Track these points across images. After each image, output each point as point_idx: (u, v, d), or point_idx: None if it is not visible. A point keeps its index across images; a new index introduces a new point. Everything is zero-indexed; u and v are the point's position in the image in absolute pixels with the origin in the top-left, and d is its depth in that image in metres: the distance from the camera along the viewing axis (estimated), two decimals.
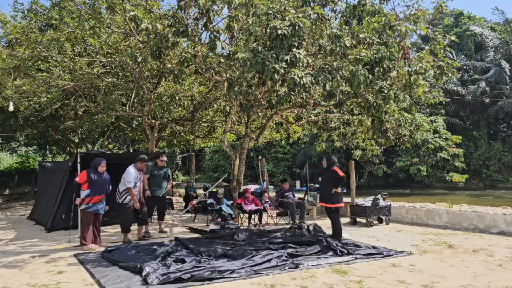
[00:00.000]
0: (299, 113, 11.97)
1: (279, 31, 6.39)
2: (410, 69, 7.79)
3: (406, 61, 8.06)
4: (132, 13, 7.42)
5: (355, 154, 13.89)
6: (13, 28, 11.46)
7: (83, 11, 10.62)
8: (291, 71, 6.42)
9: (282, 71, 6.31)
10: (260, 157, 18.97)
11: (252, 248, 6.47)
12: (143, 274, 5.14)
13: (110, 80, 11.85)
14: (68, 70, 11.55)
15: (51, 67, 11.72)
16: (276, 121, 13.12)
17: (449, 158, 25.47)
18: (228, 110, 11.86)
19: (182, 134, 15.25)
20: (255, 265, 5.52)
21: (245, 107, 8.58)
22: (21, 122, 15.86)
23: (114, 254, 6.45)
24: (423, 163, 26.07)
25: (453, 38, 7.96)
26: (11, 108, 11.19)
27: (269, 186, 16.30)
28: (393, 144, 11.76)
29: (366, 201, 9.82)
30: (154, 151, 13.31)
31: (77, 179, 7.31)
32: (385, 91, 7.54)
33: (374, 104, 8.04)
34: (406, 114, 11.75)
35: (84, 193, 7.19)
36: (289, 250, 6.27)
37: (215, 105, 12.89)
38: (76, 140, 18.45)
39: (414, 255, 6.22)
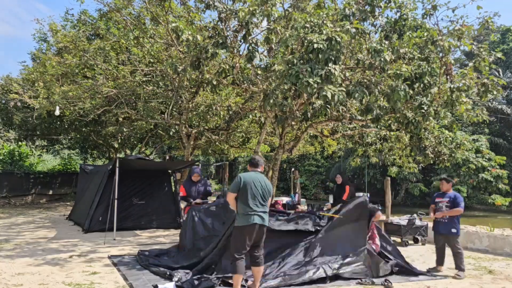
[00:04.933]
0: (335, 127, 11.85)
1: (315, 45, 6.39)
2: (452, 86, 7.56)
3: (448, 77, 7.82)
4: (174, 24, 7.65)
5: (391, 171, 13.56)
6: (63, 36, 12.10)
7: (129, 22, 11.08)
8: (323, 87, 6.34)
9: (315, 85, 6.28)
10: (293, 169, 18.87)
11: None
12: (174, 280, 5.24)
13: (150, 89, 12.23)
14: (112, 78, 12.03)
15: (96, 75, 12.25)
16: (311, 134, 13.04)
17: (491, 179, 24.31)
18: (263, 121, 11.92)
19: (217, 143, 15.47)
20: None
21: (280, 119, 8.60)
22: (66, 126, 16.61)
23: (147, 258, 6.59)
24: (463, 183, 25.01)
25: (499, 55, 7.66)
26: (57, 113, 11.73)
27: (302, 199, 16.15)
28: (431, 162, 11.36)
29: (401, 219, 9.53)
30: (190, 159, 13.55)
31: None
32: (425, 108, 7.34)
33: (413, 121, 7.83)
34: (446, 131, 11.35)
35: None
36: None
37: (251, 116, 13.00)
38: (116, 145, 19.08)
39: (450, 279, 5.95)
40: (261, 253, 4.92)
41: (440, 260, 6.49)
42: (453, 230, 6.27)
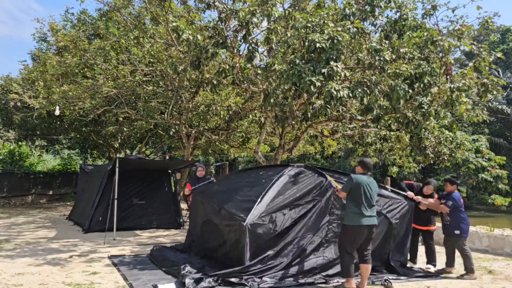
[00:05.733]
0: (335, 127, 11.85)
1: (318, 45, 6.40)
2: (452, 86, 7.56)
3: (448, 77, 7.83)
4: (174, 24, 7.65)
5: (391, 171, 13.55)
6: (63, 36, 12.10)
7: (129, 22, 11.08)
8: (327, 84, 6.39)
9: (318, 84, 6.30)
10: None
11: None
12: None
13: (150, 88, 12.23)
14: (112, 78, 12.02)
15: (96, 75, 12.24)
16: (311, 134, 13.03)
17: (491, 179, 24.32)
18: (263, 121, 11.92)
19: (217, 143, 15.46)
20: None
21: (280, 119, 8.60)
22: (66, 126, 16.59)
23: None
24: (463, 183, 25.02)
25: (499, 55, 7.66)
26: (57, 112, 11.72)
27: None
28: (431, 162, 11.37)
29: None
30: (190, 159, 13.55)
31: None
32: (425, 107, 7.34)
33: (413, 120, 7.83)
34: (446, 131, 11.35)
35: None
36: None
37: (251, 116, 13.00)
38: (116, 145, 19.07)
39: (451, 279, 5.95)
40: (369, 251, 5.21)
41: (449, 262, 6.42)
42: (456, 232, 6.15)
